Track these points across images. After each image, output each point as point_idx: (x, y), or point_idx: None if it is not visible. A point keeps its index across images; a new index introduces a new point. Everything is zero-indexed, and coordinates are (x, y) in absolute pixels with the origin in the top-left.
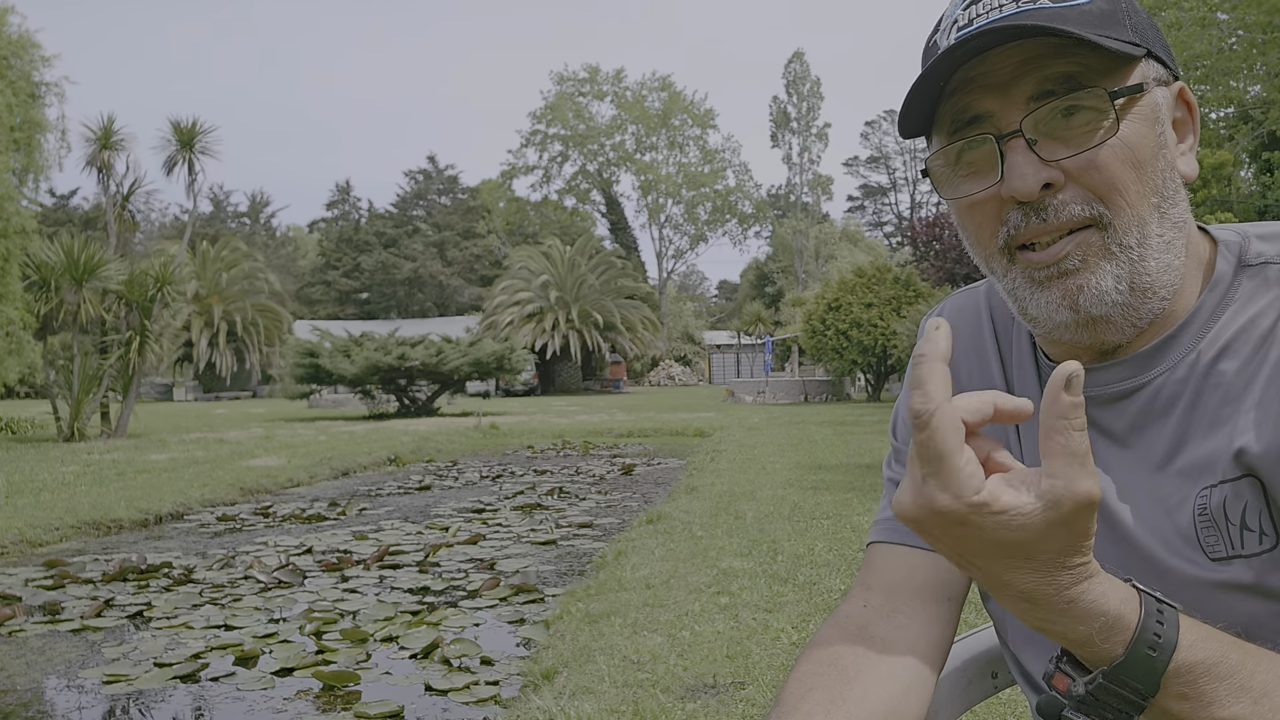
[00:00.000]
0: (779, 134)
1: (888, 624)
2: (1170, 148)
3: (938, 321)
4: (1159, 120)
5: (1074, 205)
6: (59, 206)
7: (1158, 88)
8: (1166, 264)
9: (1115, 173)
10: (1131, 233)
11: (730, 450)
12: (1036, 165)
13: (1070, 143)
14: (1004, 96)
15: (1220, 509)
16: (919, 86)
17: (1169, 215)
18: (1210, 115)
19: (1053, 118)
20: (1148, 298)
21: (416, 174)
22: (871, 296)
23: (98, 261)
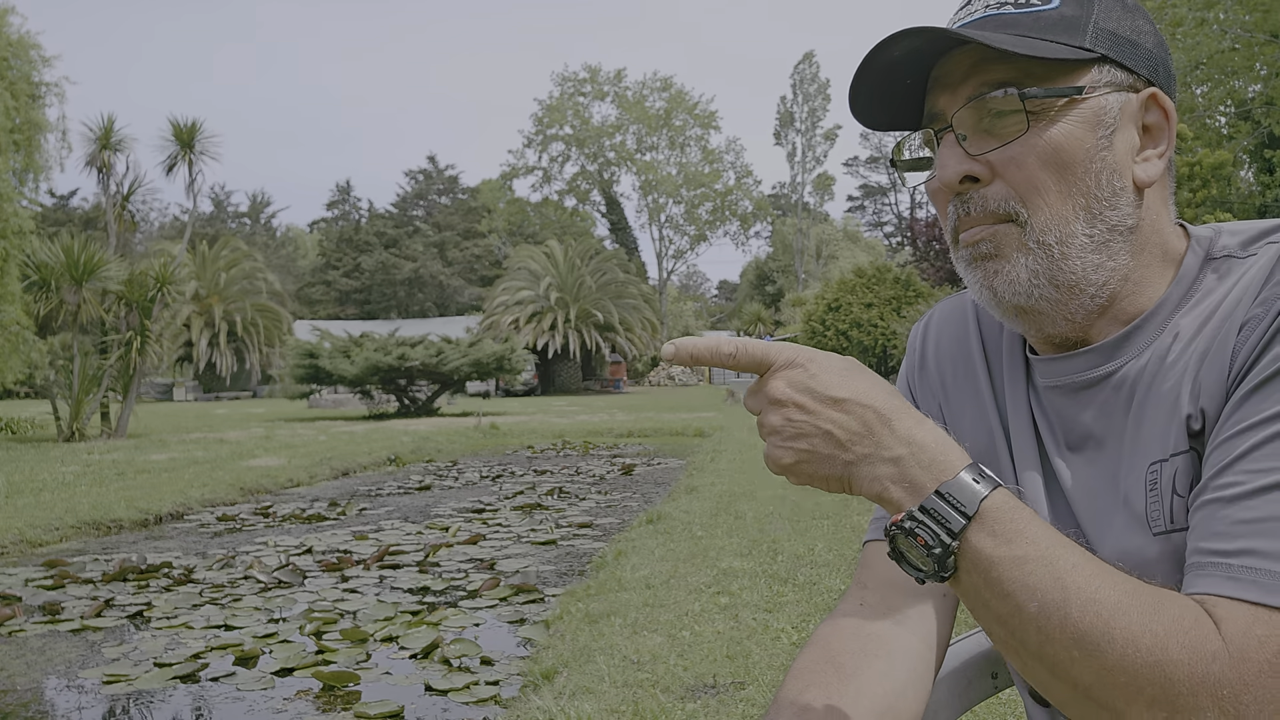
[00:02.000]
0: (783, 133)
1: (885, 622)
2: (1118, 152)
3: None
4: (1101, 124)
5: (992, 201)
6: (59, 206)
7: (1111, 93)
8: (1095, 264)
9: (1034, 172)
10: (1050, 231)
11: (730, 450)
12: (959, 157)
13: (1000, 138)
14: (952, 95)
15: (1170, 483)
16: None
17: (1102, 217)
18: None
19: (989, 117)
20: (1076, 294)
21: (417, 174)
22: (871, 296)
23: (98, 261)
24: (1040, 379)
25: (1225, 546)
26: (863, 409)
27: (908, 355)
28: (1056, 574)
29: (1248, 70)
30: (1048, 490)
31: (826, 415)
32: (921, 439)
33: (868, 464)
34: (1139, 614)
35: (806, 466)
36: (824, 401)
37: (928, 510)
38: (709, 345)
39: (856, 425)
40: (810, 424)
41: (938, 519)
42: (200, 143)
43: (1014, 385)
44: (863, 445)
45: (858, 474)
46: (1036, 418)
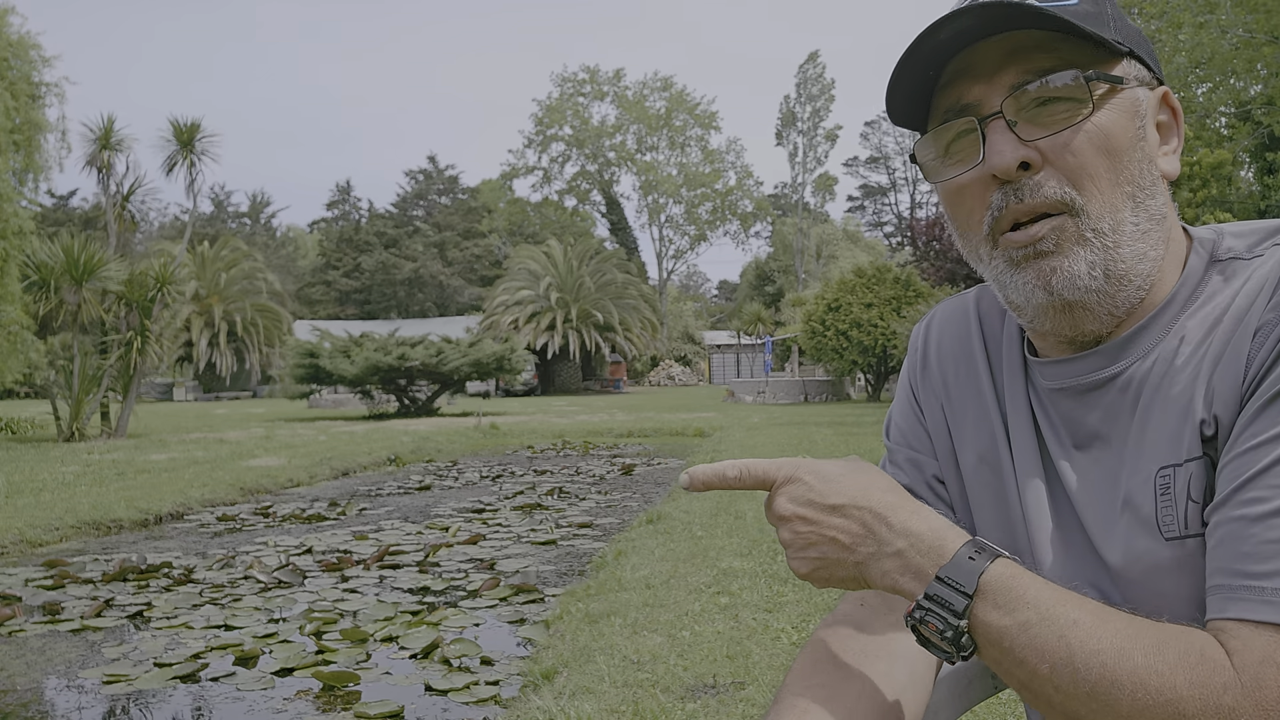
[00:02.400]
0: (784, 133)
1: (885, 622)
2: (1150, 143)
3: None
4: (1138, 115)
5: (1048, 187)
6: (59, 206)
7: (1139, 87)
8: (1141, 253)
9: (1088, 158)
10: (1104, 219)
11: (730, 450)
12: (1014, 143)
13: (1048, 125)
14: (989, 84)
15: (1184, 488)
16: (907, 66)
17: (1145, 205)
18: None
19: (1033, 105)
20: (1123, 285)
21: (417, 174)
22: (871, 296)
23: (97, 262)
24: (1044, 381)
25: (1257, 568)
26: (860, 511)
27: (909, 355)
28: (1060, 632)
29: (1249, 72)
30: (1050, 493)
31: (829, 523)
32: (917, 529)
33: (875, 562)
34: (1143, 655)
35: (822, 572)
36: (825, 510)
37: (931, 596)
38: (716, 471)
39: (857, 528)
40: (816, 533)
41: (942, 603)
42: (200, 143)
43: (1013, 386)
44: (866, 546)
45: (869, 572)
46: (1038, 419)
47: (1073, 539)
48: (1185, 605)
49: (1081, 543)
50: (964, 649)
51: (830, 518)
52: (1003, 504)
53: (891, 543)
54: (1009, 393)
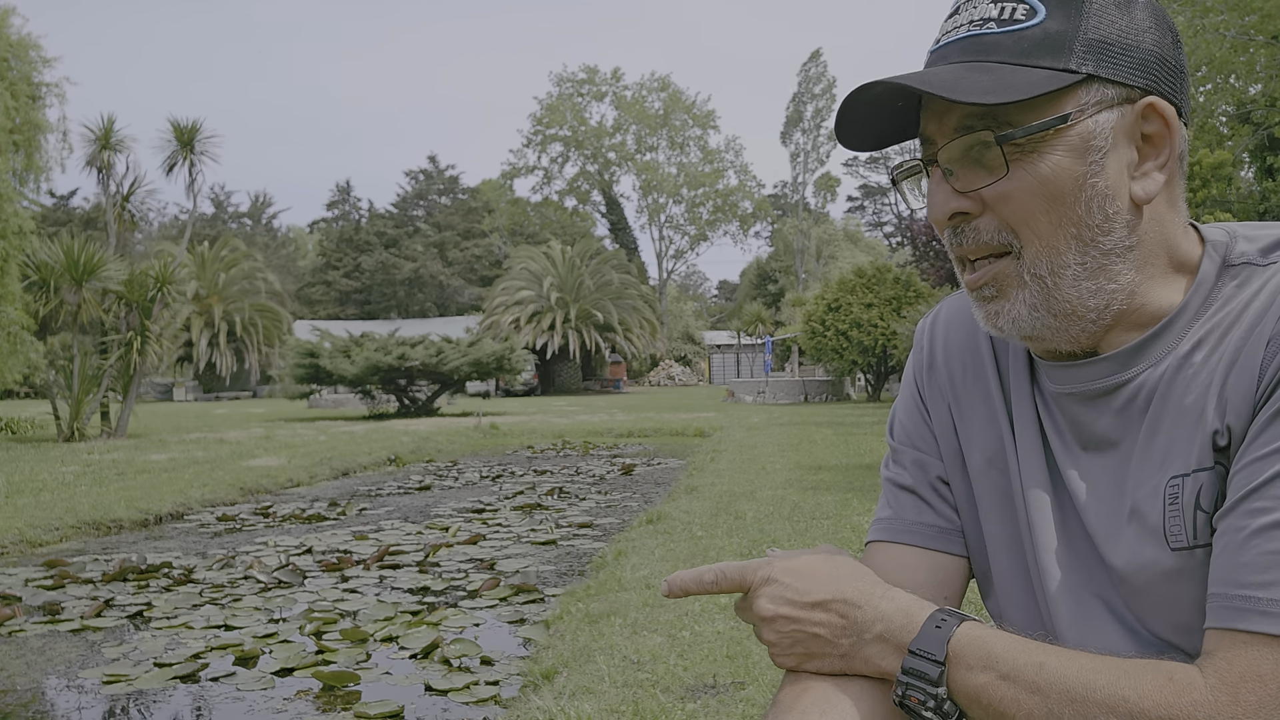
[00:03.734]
0: (789, 132)
1: None
2: (1109, 175)
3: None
4: (1091, 149)
5: (985, 233)
6: (59, 207)
7: (1102, 112)
8: (1092, 289)
9: (1023, 205)
10: (1041, 263)
11: (730, 450)
12: (947, 194)
13: (982, 175)
14: (940, 124)
15: (1193, 498)
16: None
17: (1096, 243)
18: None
19: (975, 146)
20: (1075, 320)
21: (417, 174)
22: (871, 297)
23: (98, 262)
24: (1052, 385)
25: (1254, 579)
26: (839, 604)
27: (914, 352)
28: (1029, 678)
29: (1249, 73)
30: (1055, 498)
31: (811, 619)
32: (888, 610)
33: (857, 651)
34: (1108, 685)
35: (809, 664)
36: (805, 608)
37: (908, 670)
38: (694, 577)
39: (838, 620)
40: (800, 631)
41: (919, 675)
42: (200, 143)
43: (1019, 389)
44: (847, 637)
45: (854, 663)
46: (1044, 423)
47: (1077, 545)
48: (1190, 614)
49: (1086, 549)
50: (949, 715)
51: (812, 613)
52: (1010, 507)
53: (870, 628)
54: (1015, 394)
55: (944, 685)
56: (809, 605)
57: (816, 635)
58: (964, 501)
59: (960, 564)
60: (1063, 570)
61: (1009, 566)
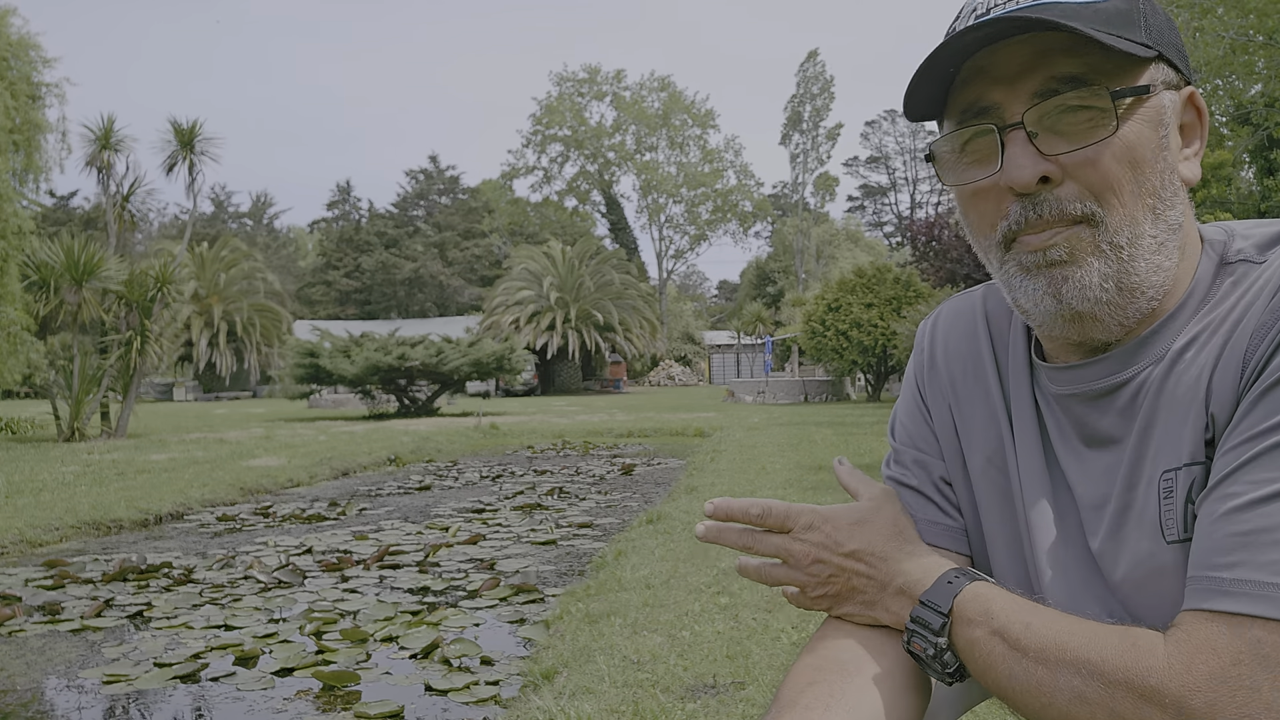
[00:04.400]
0: (788, 133)
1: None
2: (1173, 151)
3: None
4: (1163, 123)
5: (1069, 202)
6: (59, 207)
7: (1166, 91)
8: (1156, 265)
9: (1112, 171)
10: (1123, 232)
11: (730, 450)
12: (1034, 158)
13: (1071, 138)
14: (1011, 89)
15: (1185, 491)
16: (929, 67)
17: (1164, 217)
18: (1213, 110)
19: (1055, 114)
20: (1135, 297)
21: (417, 174)
22: (871, 297)
23: (97, 262)
24: (1054, 386)
25: (1220, 560)
26: (870, 556)
27: (915, 353)
28: (1015, 635)
29: (1248, 73)
30: (1055, 499)
31: (843, 566)
32: (911, 568)
33: (880, 599)
34: (1080, 646)
35: (836, 607)
36: (841, 555)
37: (915, 619)
38: (742, 507)
39: (865, 569)
40: (830, 576)
41: (924, 623)
42: (200, 143)
43: (1019, 390)
44: (872, 587)
45: (876, 610)
46: (1044, 424)
47: (1076, 544)
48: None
49: (1084, 548)
50: (948, 665)
51: (845, 561)
52: (1009, 507)
53: (893, 581)
54: (1015, 395)
55: (945, 636)
56: (845, 554)
57: (847, 582)
58: (965, 502)
59: (964, 563)
60: (1061, 569)
61: (1009, 566)
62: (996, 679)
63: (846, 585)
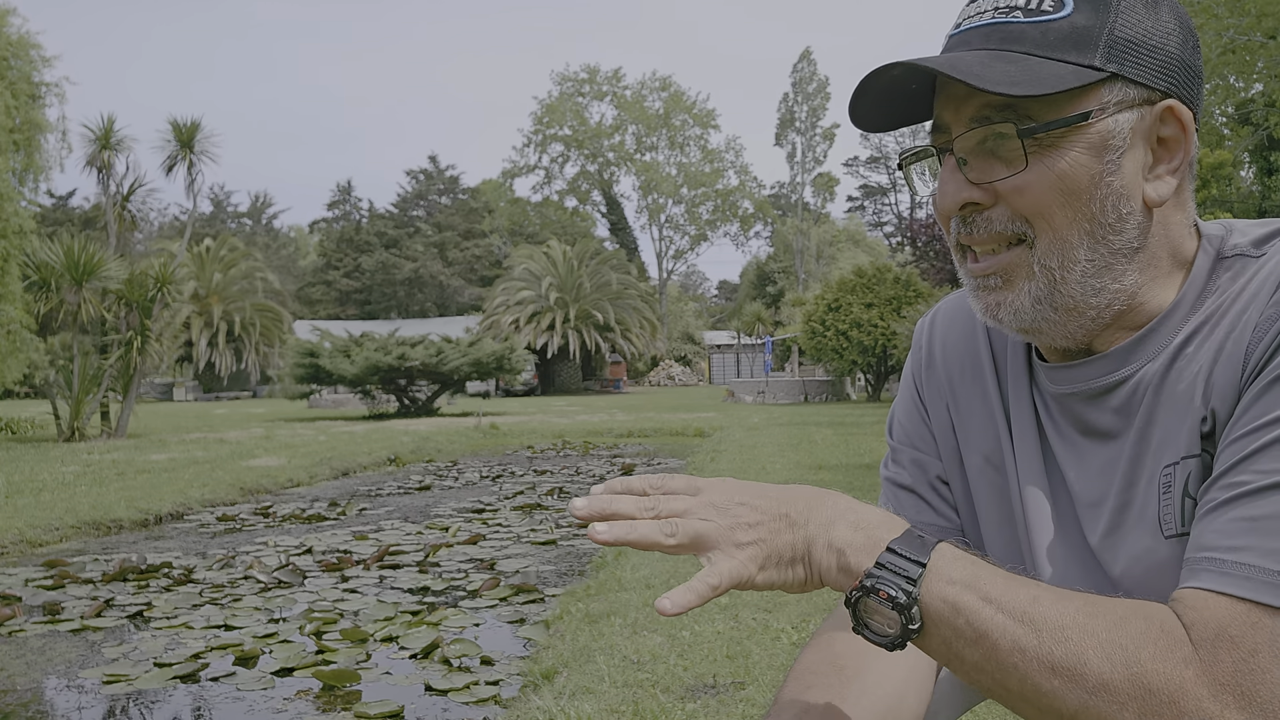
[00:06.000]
0: (783, 132)
1: None
2: (1126, 174)
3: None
4: (1109, 149)
5: (997, 223)
6: (59, 206)
7: (1121, 113)
8: (1096, 287)
9: (1039, 198)
10: (1053, 255)
11: (730, 450)
12: (960, 184)
13: (998, 167)
14: (956, 112)
15: (1183, 485)
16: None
17: (1105, 241)
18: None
19: (990, 138)
20: (1075, 316)
21: (417, 174)
22: (871, 297)
23: (97, 262)
24: (1052, 385)
25: (1223, 543)
26: (804, 489)
27: (913, 352)
28: (1020, 609)
29: (1248, 73)
30: (1052, 497)
31: (774, 496)
32: (863, 509)
33: (824, 532)
34: (1106, 630)
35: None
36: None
37: (884, 565)
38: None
39: (805, 498)
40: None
41: (896, 570)
42: (200, 142)
43: (1017, 389)
44: (817, 515)
45: (815, 546)
46: (1042, 422)
47: (1074, 543)
48: None
49: (1083, 547)
50: (912, 623)
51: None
52: (1007, 505)
53: (844, 514)
54: (1013, 393)
55: (919, 588)
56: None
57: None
58: (963, 501)
59: None
60: (1060, 567)
61: (1006, 563)
62: (982, 656)
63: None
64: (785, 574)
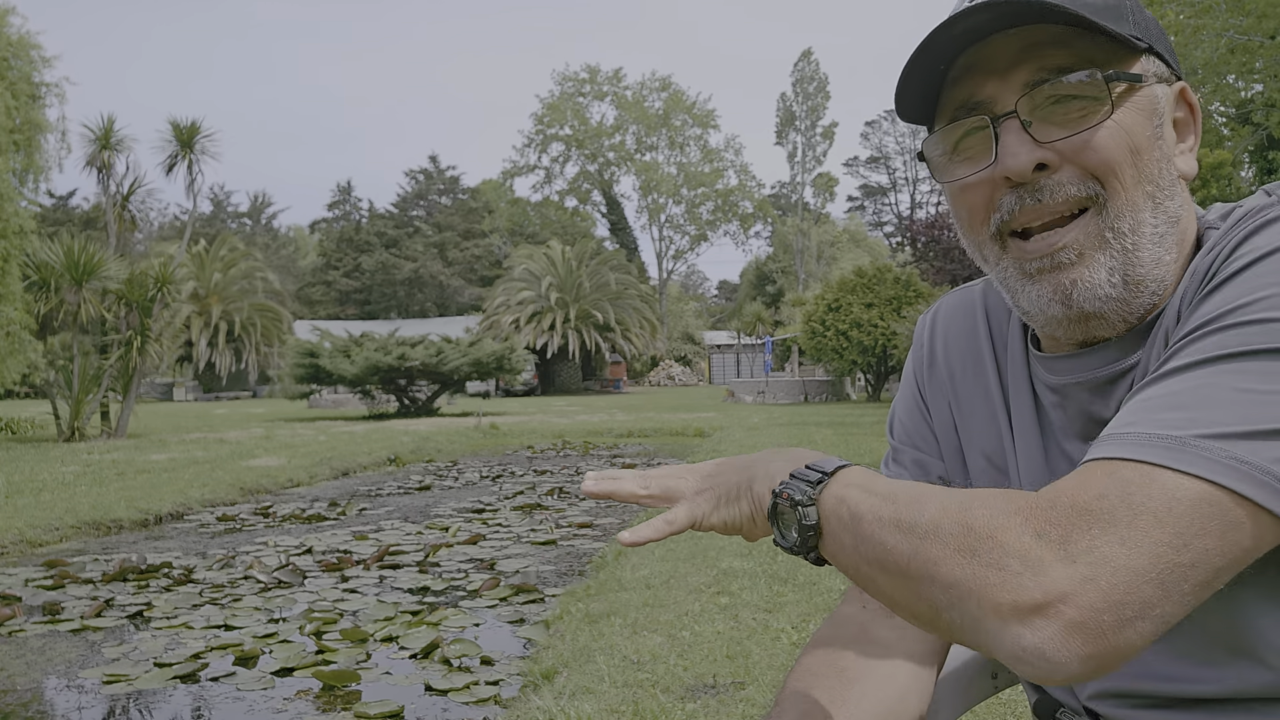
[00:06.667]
0: (783, 131)
1: (886, 625)
2: (1168, 143)
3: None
4: (1157, 113)
5: (1070, 185)
6: (59, 206)
7: (1158, 84)
8: (1158, 258)
9: (1111, 153)
10: (1125, 217)
11: (730, 450)
12: (1030, 145)
13: (1066, 125)
14: (1003, 81)
15: None
16: (918, 60)
17: (1164, 207)
18: (1213, 110)
19: (1049, 103)
20: (1139, 291)
21: (417, 174)
22: (871, 297)
23: (97, 262)
24: (1054, 376)
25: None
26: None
27: (914, 349)
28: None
29: (1248, 73)
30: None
31: (727, 461)
32: (807, 453)
33: (764, 467)
34: (957, 494)
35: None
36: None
37: (795, 476)
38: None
39: (761, 454)
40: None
41: (803, 478)
42: (200, 142)
43: (1017, 385)
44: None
45: (758, 475)
46: (1044, 416)
47: None
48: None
49: None
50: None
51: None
52: None
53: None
54: (1013, 391)
55: (819, 490)
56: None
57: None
58: None
59: None
60: None
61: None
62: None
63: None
64: (733, 510)
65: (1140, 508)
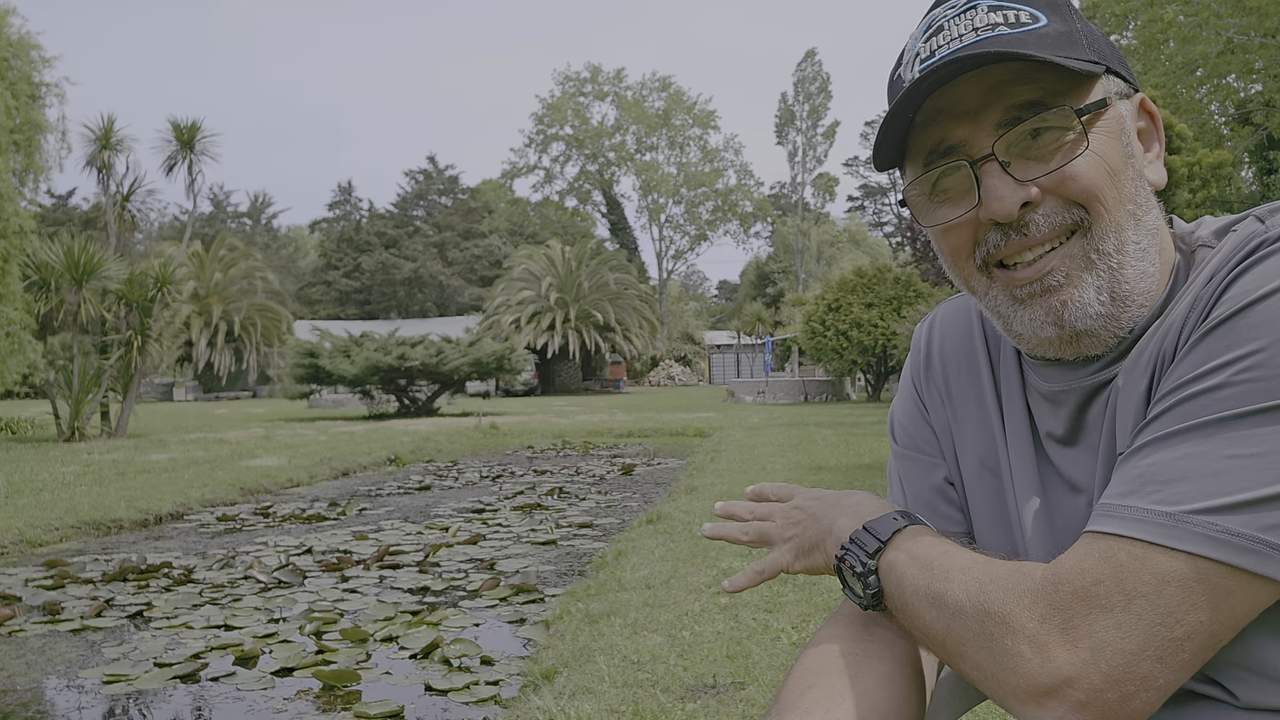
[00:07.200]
0: (784, 131)
1: (887, 624)
2: (1138, 157)
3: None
4: (1125, 131)
5: (1055, 215)
6: (59, 206)
7: (1120, 101)
8: (1142, 271)
9: (1091, 180)
10: (1109, 238)
11: (730, 450)
12: (1013, 186)
13: (1044, 161)
14: (974, 124)
15: None
16: (890, 121)
17: (1143, 222)
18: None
19: (1023, 139)
20: (1127, 306)
21: (417, 174)
22: (871, 297)
23: (98, 262)
24: (1045, 384)
25: (1112, 496)
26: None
27: (912, 355)
28: (929, 559)
29: (1247, 73)
30: (1045, 499)
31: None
32: (866, 504)
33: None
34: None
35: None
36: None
37: (854, 539)
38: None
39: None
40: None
41: (860, 545)
42: (200, 143)
43: (1010, 391)
44: (834, 510)
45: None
46: (1037, 422)
47: (1069, 544)
48: None
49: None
50: (870, 588)
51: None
52: (1002, 508)
53: (848, 510)
54: (1006, 396)
55: (877, 560)
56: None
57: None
58: (962, 503)
59: None
60: None
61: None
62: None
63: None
64: (814, 559)
65: (1134, 592)
